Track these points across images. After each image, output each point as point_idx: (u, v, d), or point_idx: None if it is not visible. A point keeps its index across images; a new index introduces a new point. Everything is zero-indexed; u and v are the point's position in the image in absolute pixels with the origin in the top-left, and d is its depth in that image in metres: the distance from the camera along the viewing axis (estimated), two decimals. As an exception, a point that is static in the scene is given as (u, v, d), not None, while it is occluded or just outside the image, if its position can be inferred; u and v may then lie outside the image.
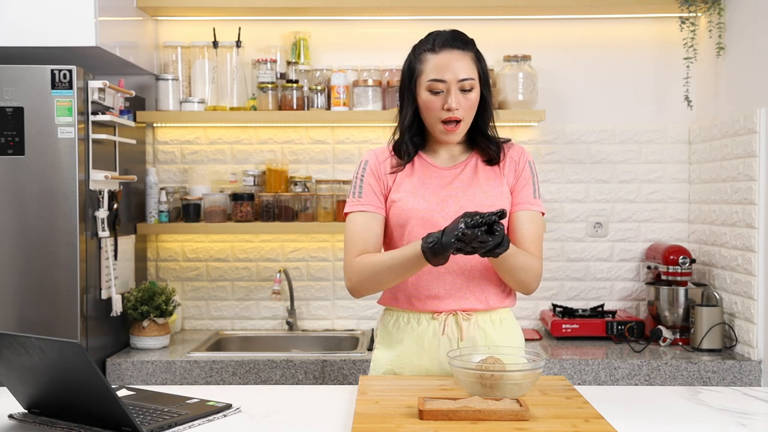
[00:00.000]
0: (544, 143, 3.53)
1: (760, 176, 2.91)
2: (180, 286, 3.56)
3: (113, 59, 3.08)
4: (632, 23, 3.52)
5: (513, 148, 2.11)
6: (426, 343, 2.05)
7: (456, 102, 1.97)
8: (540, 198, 2.09)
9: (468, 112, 2.01)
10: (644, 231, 3.55)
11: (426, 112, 2.01)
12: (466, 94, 1.99)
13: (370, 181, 2.07)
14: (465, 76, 1.98)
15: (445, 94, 1.98)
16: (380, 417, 1.65)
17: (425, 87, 1.99)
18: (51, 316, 2.78)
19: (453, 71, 1.97)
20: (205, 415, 1.75)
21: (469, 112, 2.01)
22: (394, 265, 1.93)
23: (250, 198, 3.40)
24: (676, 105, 3.46)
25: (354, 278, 2.01)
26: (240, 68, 3.44)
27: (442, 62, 1.98)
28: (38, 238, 2.77)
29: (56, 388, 1.65)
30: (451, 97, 1.97)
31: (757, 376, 2.93)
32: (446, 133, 2.01)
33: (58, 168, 2.76)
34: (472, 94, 2.00)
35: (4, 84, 2.75)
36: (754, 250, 2.93)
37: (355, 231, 2.04)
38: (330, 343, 3.43)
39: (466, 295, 2.03)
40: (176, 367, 2.97)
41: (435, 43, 2.01)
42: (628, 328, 3.27)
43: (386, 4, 3.32)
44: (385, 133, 3.49)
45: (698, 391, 2.01)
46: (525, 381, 1.73)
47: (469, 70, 1.99)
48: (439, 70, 1.98)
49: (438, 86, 1.98)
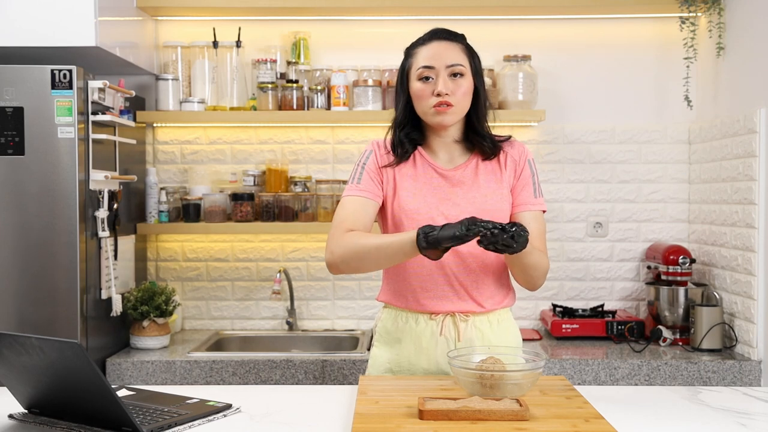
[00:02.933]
0: (544, 143, 3.53)
1: (760, 176, 2.91)
2: (180, 286, 3.56)
3: (113, 59, 3.08)
4: (632, 23, 3.52)
5: (514, 146, 2.11)
6: (424, 343, 2.05)
7: (444, 86, 1.98)
8: (541, 196, 2.09)
9: (460, 99, 2.00)
10: (644, 231, 3.55)
11: (417, 101, 2.02)
12: (456, 80, 2.00)
13: (370, 170, 2.07)
14: (453, 62, 2.00)
15: (434, 81, 1.99)
16: (380, 417, 1.65)
17: (416, 77, 2.01)
18: (51, 316, 2.78)
19: (441, 58, 2.00)
20: (205, 415, 1.75)
21: (461, 99, 2.01)
22: (382, 246, 1.90)
23: (250, 198, 3.40)
24: (676, 105, 3.46)
25: (337, 251, 1.96)
26: (240, 68, 3.44)
27: (431, 51, 2.02)
28: (38, 238, 2.77)
29: (56, 388, 1.65)
30: (440, 81, 1.98)
31: (757, 376, 2.93)
32: (437, 114, 2.00)
33: (58, 168, 2.76)
34: (463, 81, 2.00)
35: (4, 84, 2.75)
36: (754, 250, 2.93)
37: (347, 210, 2.02)
38: (330, 343, 3.43)
39: (463, 298, 2.04)
40: (176, 367, 2.97)
41: (424, 38, 2.06)
42: (628, 328, 3.27)
43: (386, 4, 3.32)
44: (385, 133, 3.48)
45: (698, 391, 2.01)
46: (525, 381, 1.73)
47: (458, 57, 2.01)
48: (428, 58, 2.01)
49: (427, 73, 2.00)
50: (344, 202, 2.05)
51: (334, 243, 1.97)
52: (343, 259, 1.96)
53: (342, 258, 1.96)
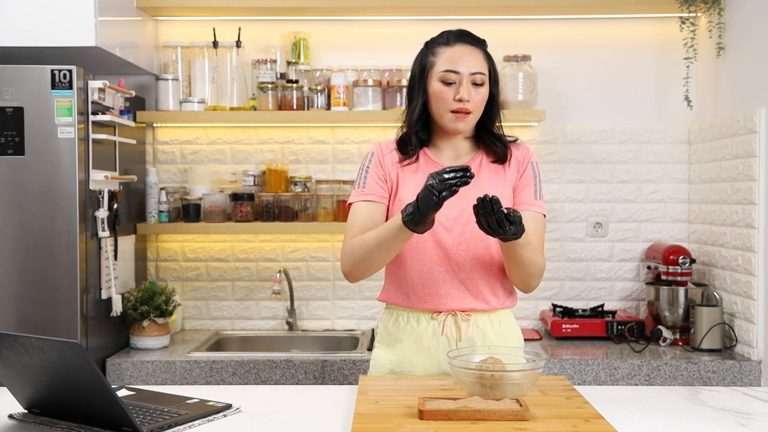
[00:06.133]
0: (544, 143, 3.53)
1: (760, 176, 2.91)
2: (180, 286, 3.56)
3: (113, 59, 3.08)
4: (632, 23, 3.52)
5: (519, 148, 2.12)
6: (425, 342, 2.05)
7: (467, 94, 1.99)
8: (542, 199, 2.09)
9: (478, 107, 2.03)
10: (644, 231, 3.55)
11: (436, 102, 2.03)
12: (477, 89, 2.01)
13: (374, 172, 2.08)
14: (477, 70, 2.01)
15: (456, 86, 2.00)
16: (380, 417, 1.65)
17: (438, 78, 2.02)
18: (51, 316, 2.78)
19: (466, 64, 2.00)
20: (205, 415, 1.75)
21: (478, 107, 2.03)
22: (380, 241, 1.93)
23: (250, 198, 3.40)
24: (676, 105, 3.46)
25: (347, 260, 2.02)
26: (240, 68, 3.44)
27: (456, 54, 2.02)
28: (38, 238, 2.77)
29: (56, 388, 1.65)
30: (464, 88, 1.99)
31: (757, 376, 2.93)
32: (455, 121, 2.02)
33: (58, 168, 2.76)
34: (483, 89, 2.02)
35: (4, 84, 2.75)
36: (754, 250, 2.93)
37: (355, 218, 2.05)
38: (330, 343, 3.43)
39: (465, 295, 2.04)
40: (176, 367, 2.97)
41: (449, 38, 2.05)
42: (628, 328, 3.27)
43: (386, 4, 3.32)
44: (385, 133, 3.49)
45: (698, 391, 2.01)
46: (525, 381, 1.73)
47: (481, 66, 2.03)
48: (453, 61, 2.01)
49: (451, 77, 2.00)
50: (351, 211, 2.08)
51: (344, 253, 2.03)
52: (353, 265, 2.01)
53: (352, 265, 2.01)
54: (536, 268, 2.00)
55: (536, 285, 2.05)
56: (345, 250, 2.03)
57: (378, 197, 2.06)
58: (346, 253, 2.02)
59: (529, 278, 2.01)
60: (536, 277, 2.02)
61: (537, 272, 2.01)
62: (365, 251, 1.96)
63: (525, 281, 2.03)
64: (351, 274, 2.03)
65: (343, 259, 2.03)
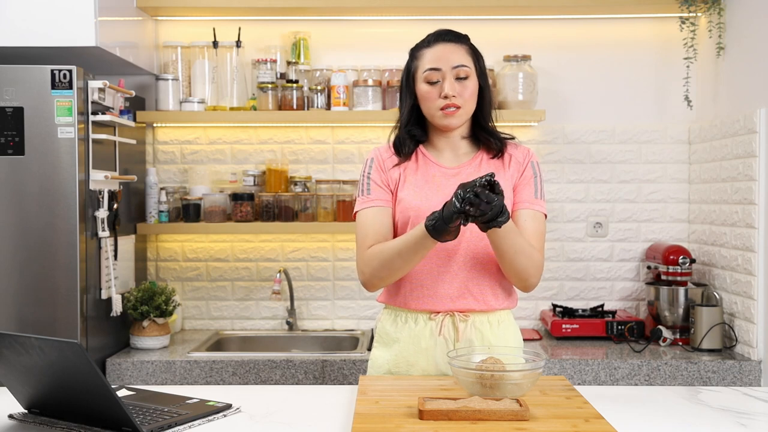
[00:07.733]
0: (544, 143, 3.53)
1: (760, 176, 2.91)
2: (180, 286, 3.56)
3: (113, 59, 3.08)
4: (632, 23, 3.52)
5: (519, 149, 2.12)
6: (423, 343, 2.05)
7: (451, 88, 2.00)
8: (542, 199, 2.08)
9: (467, 101, 2.03)
10: (644, 231, 3.55)
11: (424, 103, 2.05)
12: (463, 83, 2.02)
13: (376, 177, 2.09)
14: (458, 63, 2.02)
15: (441, 83, 2.01)
16: (380, 417, 1.65)
17: (423, 79, 2.04)
18: (51, 316, 2.78)
19: (447, 59, 2.02)
20: (205, 415, 1.75)
21: (468, 101, 2.03)
22: (402, 249, 1.94)
23: (250, 198, 3.40)
24: (676, 105, 3.46)
25: (367, 270, 2.02)
26: (240, 68, 3.44)
27: (437, 53, 2.04)
28: (38, 238, 2.77)
29: (56, 388, 1.65)
30: (447, 84, 2.00)
31: (757, 376, 2.93)
32: (445, 117, 2.03)
33: (58, 168, 2.76)
34: (469, 82, 2.03)
35: (4, 84, 2.75)
36: (754, 250, 2.93)
37: (366, 225, 2.05)
38: (330, 343, 3.43)
39: (464, 296, 2.03)
40: (176, 367, 2.97)
41: (430, 39, 2.08)
42: (628, 328, 3.27)
43: (386, 4, 3.32)
44: (385, 133, 3.47)
45: (698, 391, 2.01)
46: (525, 381, 1.73)
47: (463, 59, 2.04)
48: (434, 60, 2.03)
49: (434, 75, 2.02)
50: (359, 219, 2.07)
51: (362, 263, 2.03)
52: (374, 275, 2.01)
53: (373, 274, 2.01)
54: (531, 260, 1.96)
55: (535, 283, 2.02)
56: (362, 260, 2.03)
57: (384, 202, 2.07)
58: (364, 263, 2.02)
59: (525, 272, 1.97)
60: (533, 271, 1.98)
61: (532, 266, 1.97)
62: (386, 259, 1.97)
63: (521, 277, 1.98)
64: (370, 283, 2.03)
65: (362, 269, 2.03)
